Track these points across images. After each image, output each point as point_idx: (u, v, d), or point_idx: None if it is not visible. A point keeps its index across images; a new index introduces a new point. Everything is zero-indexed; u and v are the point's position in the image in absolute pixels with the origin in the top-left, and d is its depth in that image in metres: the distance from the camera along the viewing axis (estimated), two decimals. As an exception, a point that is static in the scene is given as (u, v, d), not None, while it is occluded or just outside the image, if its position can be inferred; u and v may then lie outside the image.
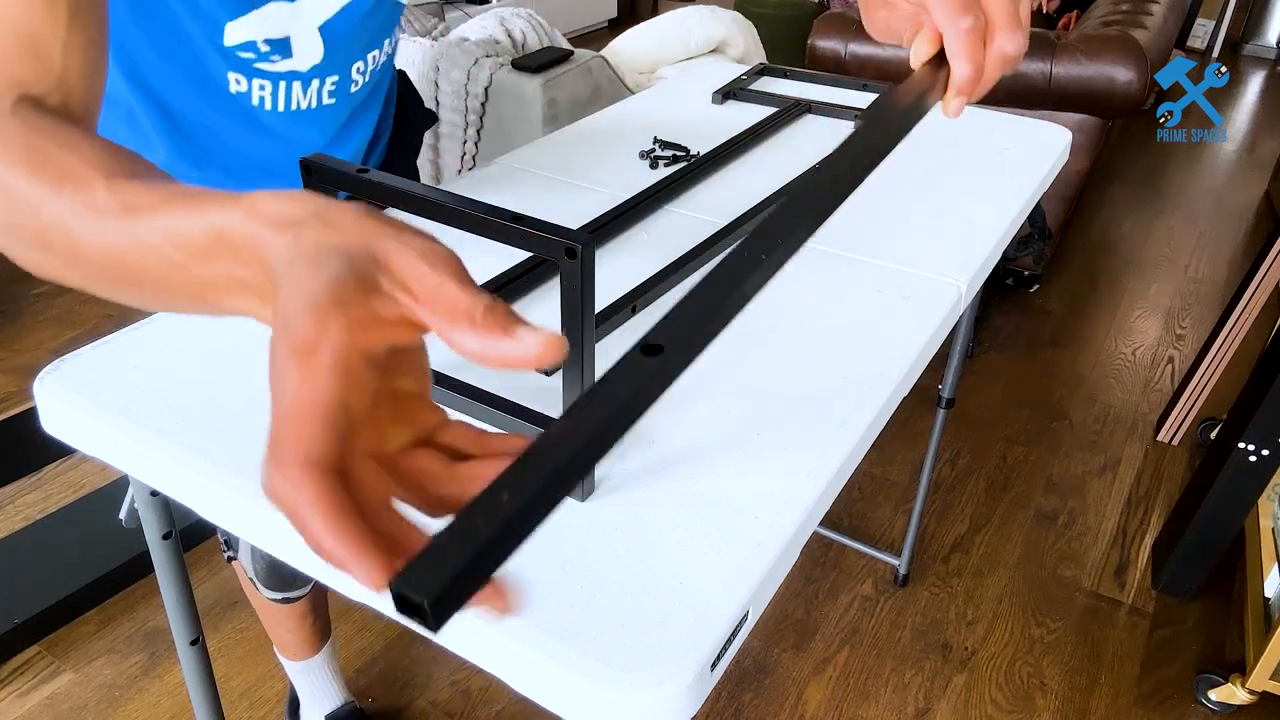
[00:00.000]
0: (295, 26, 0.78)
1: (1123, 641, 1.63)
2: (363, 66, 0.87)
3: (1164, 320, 2.60)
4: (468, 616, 0.54)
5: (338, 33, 0.81)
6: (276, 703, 1.47)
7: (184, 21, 0.75)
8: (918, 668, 1.57)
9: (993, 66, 0.52)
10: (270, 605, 1.19)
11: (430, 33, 2.44)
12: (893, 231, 0.95)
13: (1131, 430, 2.16)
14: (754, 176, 1.06)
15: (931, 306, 0.82)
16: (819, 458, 0.63)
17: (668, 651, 0.49)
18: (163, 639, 1.56)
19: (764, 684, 1.54)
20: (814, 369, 0.73)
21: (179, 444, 0.64)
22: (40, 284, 2.52)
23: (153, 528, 0.82)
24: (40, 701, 1.47)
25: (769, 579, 0.55)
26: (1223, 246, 3.02)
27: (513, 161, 1.08)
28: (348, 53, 0.85)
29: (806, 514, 0.59)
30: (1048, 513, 1.91)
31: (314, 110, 0.86)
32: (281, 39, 0.78)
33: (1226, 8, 4.92)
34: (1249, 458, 1.50)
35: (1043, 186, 1.11)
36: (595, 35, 5.02)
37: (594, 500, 0.59)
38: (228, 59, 0.78)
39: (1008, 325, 2.55)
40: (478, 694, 1.49)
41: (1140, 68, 2.17)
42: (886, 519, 1.87)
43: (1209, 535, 1.62)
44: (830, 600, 1.69)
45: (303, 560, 0.59)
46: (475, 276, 0.86)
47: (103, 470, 1.83)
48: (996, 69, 0.53)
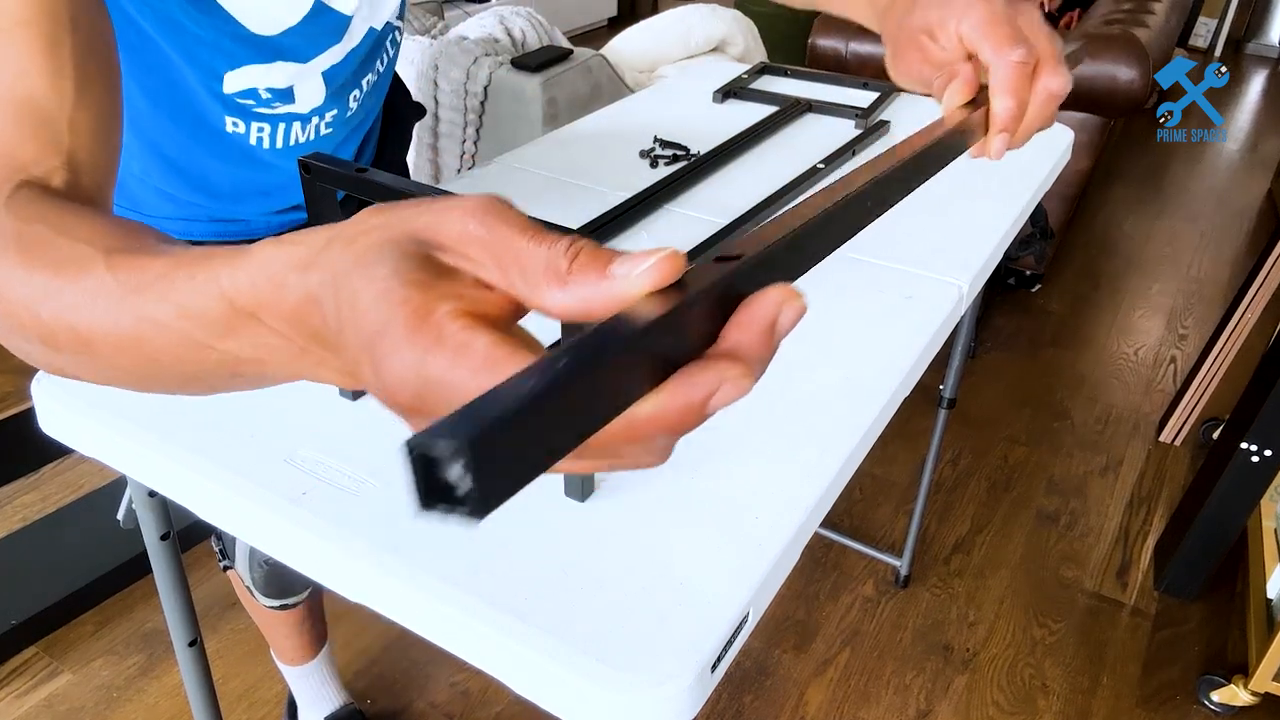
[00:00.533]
0: (300, 78, 0.76)
1: (1125, 642, 1.62)
2: (359, 94, 0.85)
3: (1166, 320, 2.60)
4: (467, 619, 0.53)
5: (340, 75, 0.80)
6: (275, 704, 1.47)
7: (180, 69, 0.71)
8: (919, 669, 1.56)
9: (1037, 103, 0.51)
10: (267, 613, 1.18)
11: (429, 31, 2.44)
12: (894, 231, 0.94)
13: (1133, 430, 2.16)
14: (754, 176, 1.05)
15: (933, 306, 0.82)
16: (819, 458, 0.63)
17: (668, 652, 0.49)
18: (161, 640, 1.56)
19: (765, 685, 1.53)
20: (814, 369, 0.72)
21: (177, 444, 0.63)
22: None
23: (151, 528, 0.81)
24: (38, 702, 1.46)
25: (770, 580, 0.55)
26: (1225, 246, 3.02)
27: (512, 161, 1.08)
28: (348, 89, 0.83)
29: (807, 514, 0.59)
30: (1049, 513, 1.91)
31: (311, 142, 0.84)
32: (285, 89, 0.76)
33: (1228, 7, 4.91)
34: (1251, 458, 1.50)
35: (1044, 186, 1.11)
36: (595, 34, 5.02)
37: (594, 500, 0.59)
38: (226, 105, 0.75)
39: (1009, 325, 2.55)
40: (477, 695, 1.49)
41: (1142, 67, 2.17)
42: (887, 519, 1.87)
43: (1211, 536, 1.61)
44: (831, 601, 1.69)
45: (300, 562, 0.59)
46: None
47: (101, 470, 1.82)
48: (1040, 107, 0.52)
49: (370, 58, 0.84)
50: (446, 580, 0.53)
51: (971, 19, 0.51)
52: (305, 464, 0.61)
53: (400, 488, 0.60)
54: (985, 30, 0.51)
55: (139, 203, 0.83)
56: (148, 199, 0.82)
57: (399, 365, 0.25)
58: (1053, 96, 0.52)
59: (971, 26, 0.51)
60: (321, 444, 0.63)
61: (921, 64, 0.55)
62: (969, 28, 0.51)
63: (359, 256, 0.28)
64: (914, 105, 1.29)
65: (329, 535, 0.56)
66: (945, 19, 0.53)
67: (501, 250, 0.27)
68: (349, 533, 0.56)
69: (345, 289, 0.27)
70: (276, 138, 0.80)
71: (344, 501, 0.58)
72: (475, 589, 0.52)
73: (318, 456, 0.62)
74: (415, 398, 0.25)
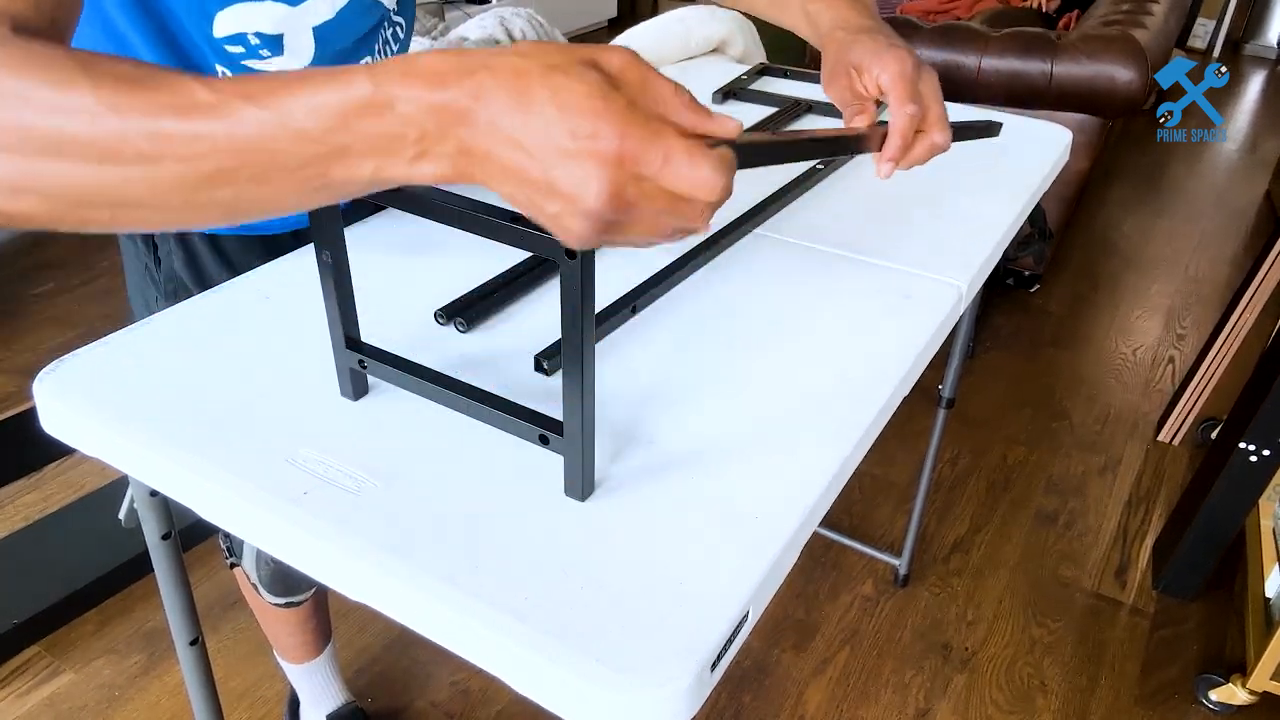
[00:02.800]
0: (289, 25, 0.77)
1: (1123, 642, 1.63)
2: None
3: (1165, 320, 2.60)
4: (466, 618, 0.53)
5: (331, 39, 0.80)
6: (276, 703, 1.47)
7: (175, 10, 0.73)
8: (918, 668, 1.57)
9: (921, 149, 0.71)
10: (273, 610, 1.19)
11: (430, 32, 2.44)
12: (893, 232, 0.95)
13: (1132, 430, 2.16)
14: (754, 176, 1.05)
15: (932, 307, 0.82)
16: (819, 457, 0.63)
17: (668, 652, 0.49)
18: (162, 639, 1.56)
19: (764, 684, 1.53)
20: (814, 369, 0.73)
21: (178, 444, 0.64)
22: (40, 284, 2.52)
23: (152, 528, 0.81)
24: (40, 701, 1.46)
25: (769, 579, 0.55)
26: (1223, 246, 3.02)
27: (513, 161, 1.08)
28: (339, 59, 0.84)
29: (806, 514, 0.59)
30: (1048, 513, 1.91)
31: None
32: (274, 35, 0.77)
33: (1227, 7, 4.91)
34: (1250, 458, 1.50)
35: (1043, 186, 1.11)
36: (595, 35, 5.02)
37: (594, 501, 0.59)
38: (216, 52, 0.76)
39: (1008, 325, 2.55)
40: (477, 694, 1.49)
41: (1141, 67, 2.17)
42: (887, 519, 1.87)
43: (1210, 535, 1.62)
44: (830, 601, 1.69)
45: (301, 562, 0.59)
46: (474, 277, 0.87)
47: (102, 470, 1.82)
48: (922, 151, 0.71)
49: (368, 40, 0.85)
50: (446, 580, 0.53)
51: (889, 73, 0.70)
52: (306, 464, 0.62)
53: (400, 488, 0.60)
54: (893, 84, 0.69)
55: None
56: None
57: (628, 146, 0.37)
58: (934, 147, 0.71)
59: (887, 79, 0.70)
60: (322, 444, 0.63)
61: (845, 90, 0.74)
62: (885, 79, 0.70)
63: (550, 64, 0.38)
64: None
65: (330, 535, 0.57)
66: (870, 66, 0.71)
67: (647, 76, 0.40)
68: (349, 532, 0.56)
69: (545, 85, 0.37)
70: None
71: (344, 501, 0.59)
72: (475, 589, 0.52)
73: (319, 456, 0.62)
74: (632, 179, 0.38)
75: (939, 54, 2.33)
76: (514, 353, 0.73)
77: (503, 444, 0.63)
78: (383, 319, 0.76)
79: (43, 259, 2.65)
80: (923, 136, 0.70)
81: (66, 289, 2.50)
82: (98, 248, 2.63)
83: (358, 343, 0.66)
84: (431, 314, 0.77)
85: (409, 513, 0.58)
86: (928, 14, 3.41)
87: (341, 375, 0.67)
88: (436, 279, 0.82)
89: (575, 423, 0.56)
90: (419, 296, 0.80)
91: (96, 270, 2.59)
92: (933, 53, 2.33)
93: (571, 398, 0.55)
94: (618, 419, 0.67)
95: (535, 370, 0.71)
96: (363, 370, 0.66)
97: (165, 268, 0.91)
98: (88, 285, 2.52)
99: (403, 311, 0.78)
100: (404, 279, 0.83)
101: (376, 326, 0.75)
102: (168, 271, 0.91)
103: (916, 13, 3.43)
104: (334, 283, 0.62)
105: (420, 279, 0.83)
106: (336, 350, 0.66)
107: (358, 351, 0.65)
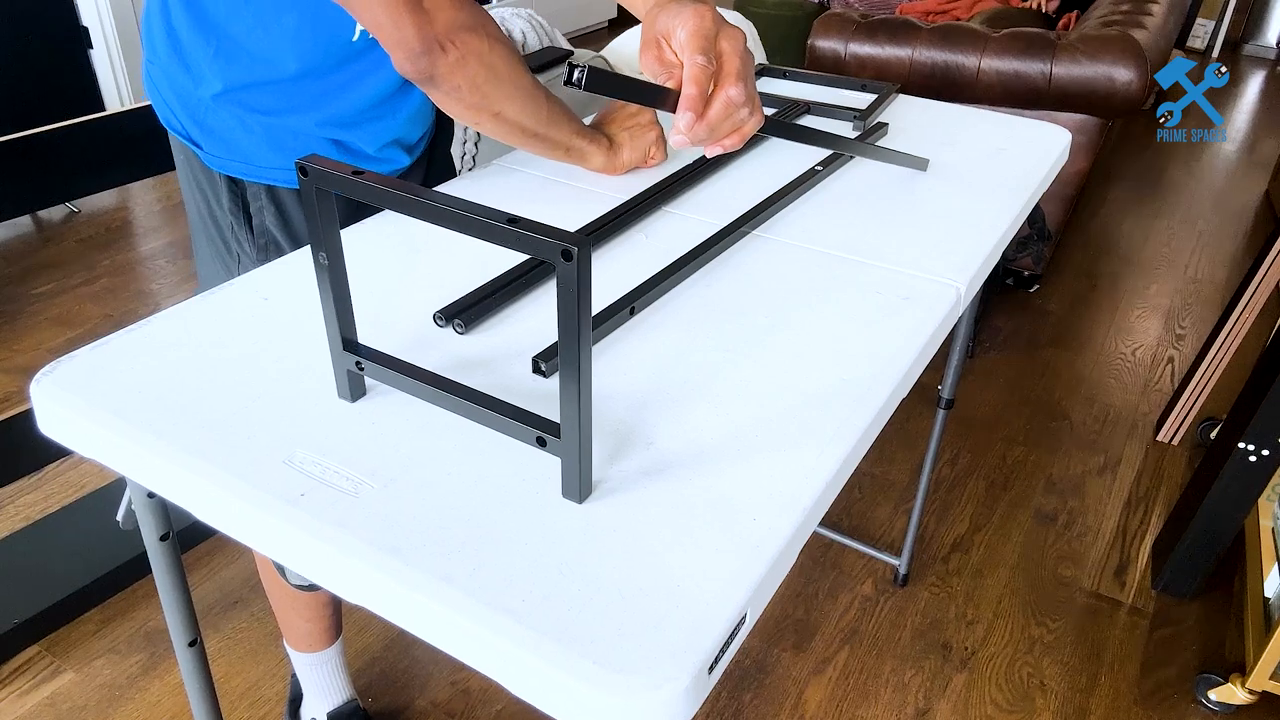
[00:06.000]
0: None
1: (1123, 641, 1.63)
2: None
3: (1164, 320, 2.60)
4: (463, 620, 0.53)
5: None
6: (276, 703, 1.47)
7: None
8: (918, 668, 1.57)
9: (718, 106, 0.70)
10: (293, 594, 1.18)
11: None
12: (892, 233, 0.95)
13: (1131, 430, 2.16)
14: (753, 177, 1.06)
15: (931, 307, 0.82)
16: (818, 458, 0.63)
17: (665, 654, 0.49)
18: (163, 639, 1.56)
19: (764, 684, 1.53)
20: (813, 369, 0.73)
21: (176, 446, 0.64)
22: (40, 284, 2.52)
23: (150, 529, 0.81)
24: (40, 701, 1.47)
25: (767, 580, 0.55)
26: (1223, 246, 3.02)
27: (511, 163, 1.08)
28: (341, 56, 0.90)
29: (806, 514, 0.59)
30: (1047, 513, 1.91)
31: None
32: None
33: (1226, 8, 4.91)
34: (1249, 458, 1.50)
35: (1042, 187, 1.11)
36: (595, 35, 5.02)
37: (591, 502, 0.59)
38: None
39: (1008, 325, 2.55)
40: (477, 694, 1.49)
41: (1140, 68, 2.17)
42: (886, 519, 1.87)
43: (1209, 535, 1.62)
44: (830, 600, 1.69)
45: (299, 563, 0.59)
46: (473, 278, 0.86)
47: (101, 471, 1.83)
48: (721, 108, 0.70)
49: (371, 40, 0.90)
50: (444, 581, 0.53)
51: (686, 29, 0.70)
52: (304, 465, 0.62)
53: (397, 489, 0.60)
54: (689, 39, 0.70)
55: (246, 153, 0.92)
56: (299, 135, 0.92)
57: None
58: (730, 103, 0.70)
59: (684, 35, 0.70)
60: (320, 446, 0.63)
61: (655, 61, 0.74)
62: (682, 34, 0.70)
63: None
64: (912, 107, 1.29)
65: (327, 536, 0.57)
66: (674, 27, 0.72)
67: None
68: (347, 534, 0.56)
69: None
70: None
71: (342, 503, 0.59)
72: (472, 590, 0.52)
73: (316, 458, 0.62)
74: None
75: (939, 54, 2.33)
76: (512, 354, 0.73)
77: (501, 445, 0.63)
78: (380, 320, 0.76)
79: (43, 259, 2.65)
80: (719, 93, 0.70)
81: (66, 289, 2.50)
82: (98, 248, 2.63)
83: (355, 344, 0.66)
84: (429, 315, 0.77)
85: (406, 514, 0.58)
86: (927, 14, 3.41)
87: (339, 377, 0.67)
88: (435, 280, 0.82)
89: (573, 424, 0.56)
90: (417, 298, 0.80)
91: (97, 270, 2.59)
92: (933, 53, 2.33)
93: (569, 400, 0.55)
94: (616, 420, 0.67)
95: (533, 372, 0.71)
96: (360, 372, 0.66)
97: (258, 224, 0.96)
98: (88, 285, 2.52)
99: (401, 313, 0.78)
100: (402, 280, 0.83)
101: (374, 328, 0.75)
102: (259, 227, 0.96)
103: (916, 13, 3.43)
104: (331, 284, 0.62)
105: (418, 280, 0.83)
106: (334, 352, 0.66)
107: (355, 353, 0.65)
